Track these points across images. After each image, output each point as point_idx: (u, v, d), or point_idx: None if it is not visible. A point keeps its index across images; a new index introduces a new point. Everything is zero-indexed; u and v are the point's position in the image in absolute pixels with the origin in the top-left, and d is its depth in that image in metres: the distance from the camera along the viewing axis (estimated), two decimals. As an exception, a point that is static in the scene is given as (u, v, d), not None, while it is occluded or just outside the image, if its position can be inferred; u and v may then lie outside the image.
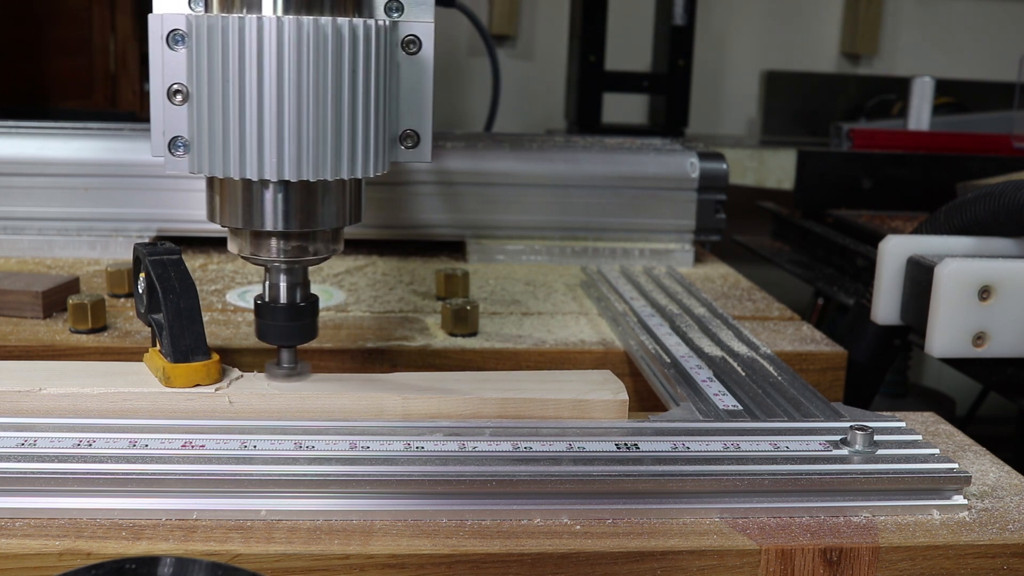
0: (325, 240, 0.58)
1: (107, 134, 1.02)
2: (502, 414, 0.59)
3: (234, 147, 0.53)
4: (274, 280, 0.59)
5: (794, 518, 0.51)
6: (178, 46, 0.53)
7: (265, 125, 0.52)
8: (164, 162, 0.55)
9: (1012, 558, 0.50)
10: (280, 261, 0.58)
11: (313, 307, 0.60)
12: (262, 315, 0.60)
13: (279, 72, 0.51)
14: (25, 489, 0.48)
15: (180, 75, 0.54)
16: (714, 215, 1.06)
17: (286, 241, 0.57)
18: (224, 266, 0.98)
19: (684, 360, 0.69)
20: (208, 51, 0.52)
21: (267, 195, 0.55)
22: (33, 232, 0.99)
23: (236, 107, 0.52)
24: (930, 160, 1.41)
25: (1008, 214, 0.76)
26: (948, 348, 0.72)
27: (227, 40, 0.51)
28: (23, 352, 0.72)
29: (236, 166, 0.53)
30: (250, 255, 0.58)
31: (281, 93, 0.52)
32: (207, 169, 0.54)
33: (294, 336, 0.60)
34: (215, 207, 0.57)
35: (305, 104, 0.52)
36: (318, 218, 0.56)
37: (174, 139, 0.55)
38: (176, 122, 0.54)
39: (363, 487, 0.50)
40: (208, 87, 0.52)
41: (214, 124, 0.53)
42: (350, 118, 0.53)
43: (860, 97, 2.45)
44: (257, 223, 0.56)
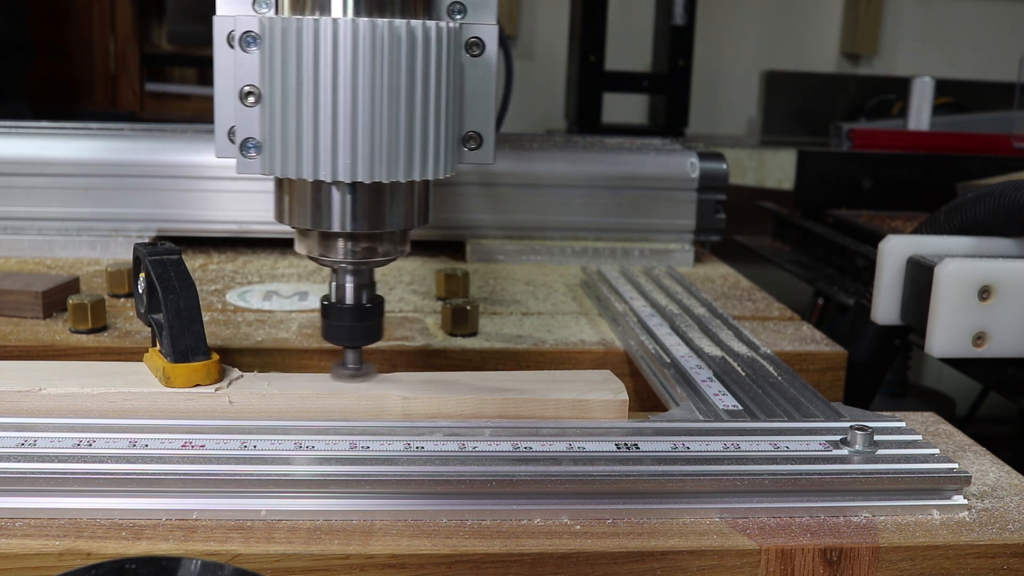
0: (393, 241, 0.58)
1: (107, 134, 1.02)
2: (502, 414, 0.59)
3: (307, 149, 0.53)
4: (341, 281, 0.59)
5: (794, 518, 0.51)
6: (251, 48, 0.53)
7: (339, 127, 0.52)
8: (236, 164, 0.55)
9: (1012, 558, 0.50)
10: (348, 262, 0.58)
11: (379, 308, 0.60)
12: (329, 316, 0.60)
13: (353, 74, 0.52)
14: (25, 489, 0.48)
15: (253, 77, 0.54)
16: (714, 215, 1.06)
17: (355, 242, 0.57)
18: (224, 266, 0.98)
19: (684, 360, 0.69)
20: (282, 53, 0.52)
21: (338, 196, 0.55)
22: (33, 232, 0.99)
23: (310, 109, 0.52)
24: (930, 160, 1.41)
25: (1008, 214, 0.76)
26: (948, 348, 0.72)
27: (302, 42, 0.52)
28: (23, 352, 0.72)
29: (309, 167, 0.53)
30: (319, 256, 0.58)
31: (355, 95, 0.52)
32: (279, 170, 0.54)
33: (360, 337, 0.60)
34: (283, 208, 0.58)
35: (378, 106, 0.52)
36: (386, 219, 0.56)
37: (246, 140, 0.55)
38: (248, 123, 0.54)
39: (363, 487, 0.50)
40: (282, 89, 0.53)
41: (287, 126, 0.53)
42: (422, 120, 0.54)
43: (860, 97, 2.46)
44: (326, 224, 0.56)
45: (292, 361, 0.74)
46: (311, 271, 0.98)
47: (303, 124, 0.52)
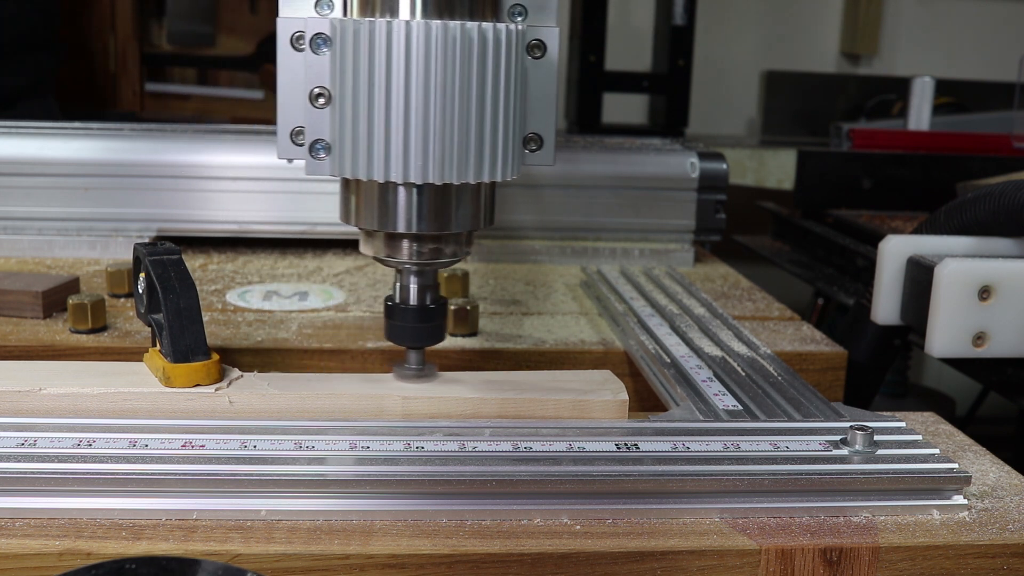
0: (458, 243, 0.59)
1: (107, 134, 1.02)
2: (502, 414, 0.59)
3: (379, 150, 0.53)
4: (405, 282, 0.59)
5: (794, 518, 0.51)
6: (322, 50, 0.53)
7: (410, 128, 0.52)
8: (304, 165, 0.55)
9: (1012, 558, 0.50)
10: (413, 263, 0.58)
11: (442, 309, 0.60)
12: (392, 316, 0.60)
13: (425, 75, 0.52)
14: (25, 489, 0.48)
15: (323, 79, 0.54)
16: (714, 215, 1.06)
17: (420, 243, 0.57)
18: (224, 266, 0.98)
19: (684, 360, 0.69)
20: (354, 55, 0.52)
21: (406, 198, 0.55)
22: (33, 232, 0.99)
23: (382, 110, 0.52)
24: (930, 160, 1.41)
25: (1008, 214, 0.76)
26: (948, 348, 0.72)
27: (374, 44, 0.52)
28: (23, 352, 0.72)
29: (380, 169, 0.53)
30: (385, 257, 0.58)
31: (427, 96, 0.52)
32: (349, 171, 0.54)
33: (423, 337, 0.60)
34: (350, 209, 0.58)
35: (448, 107, 0.52)
36: (452, 221, 0.57)
37: (315, 142, 0.55)
38: (318, 125, 0.54)
39: (363, 487, 0.50)
40: (353, 90, 0.53)
41: (358, 127, 0.53)
42: (491, 121, 0.54)
43: (860, 97, 2.46)
44: (393, 225, 0.56)
45: (292, 361, 0.74)
46: (311, 271, 0.98)
47: (374, 126, 0.53)
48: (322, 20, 0.53)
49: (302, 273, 0.97)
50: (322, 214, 1.02)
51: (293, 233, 1.03)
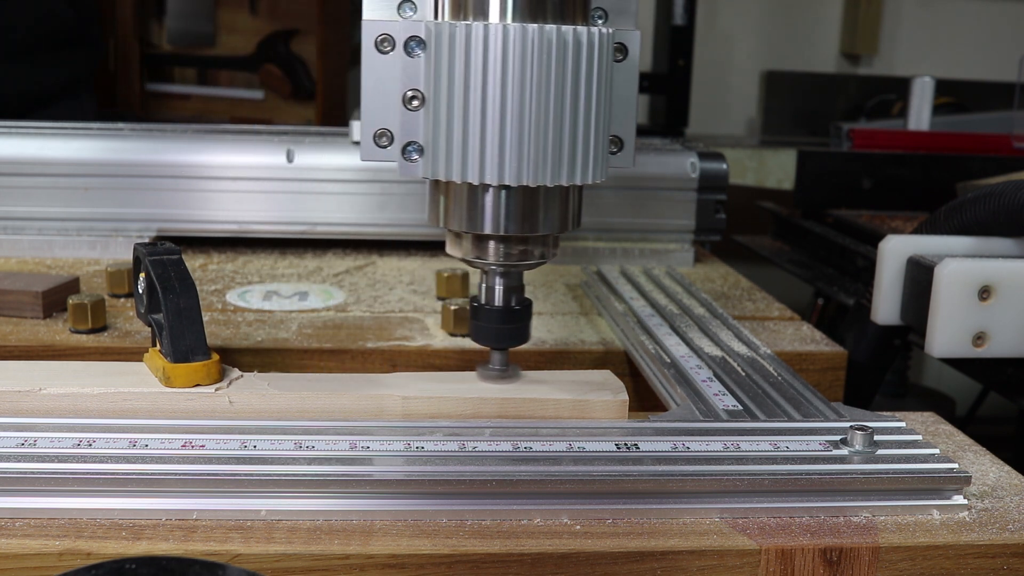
0: (545, 244, 0.59)
1: (107, 134, 1.02)
2: (502, 414, 0.59)
3: (473, 152, 0.53)
4: (491, 283, 0.60)
5: (794, 518, 0.51)
6: (416, 52, 0.54)
7: (506, 131, 0.52)
8: (397, 167, 0.55)
9: (1012, 558, 0.50)
10: (501, 265, 0.58)
11: (527, 311, 0.60)
12: (478, 317, 0.60)
13: (521, 78, 0.52)
14: (25, 489, 0.49)
15: (417, 81, 0.54)
16: (714, 215, 1.06)
17: (508, 245, 0.57)
18: (224, 266, 0.98)
19: (684, 360, 0.69)
20: (449, 58, 0.52)
21: (496, 200, 0.56)
22: (33, 232, 0.99)
23: (477, 113, 0.52)
24: (930, 160, 1.41)
25: (1008, 214, 0.76)
26: (948, 348, 0.72)
27: (470, 47, 0.52)
28: (23, 352, 0.72)
29: (475, 171, 0.53)
30: (472, 258, 0.59)
31: (522, 99, 0.52)
32: (443, 173, 0.54)
33: (507, 339, 0.61)
34: (439, 211, 0.58)
35: (543, 110, 0.53)
36: (540, 223, 0.57)
37: (408, 144, 0.55)
38: (411, 127, 0.55)
39: (363, 487, 0.50)
40: (447, 93, 0.53)
41: (452, 130, 0.53)
42: (584, 124, 0.54)
43: (860, 97, 2.45)
44: (481, 227, 0.56)
45: (292, 361, 0.74)
46: (311, 271, 0.98)
47: (469, 128, 0.53)
48: (416, 23, 0.53)
49: (302, 273, 0.97)
50: (322, 214, 1.02)
51: (293, 233, 1.03)
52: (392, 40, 0.55)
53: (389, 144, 0.56)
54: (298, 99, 2.15)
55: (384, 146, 0.56)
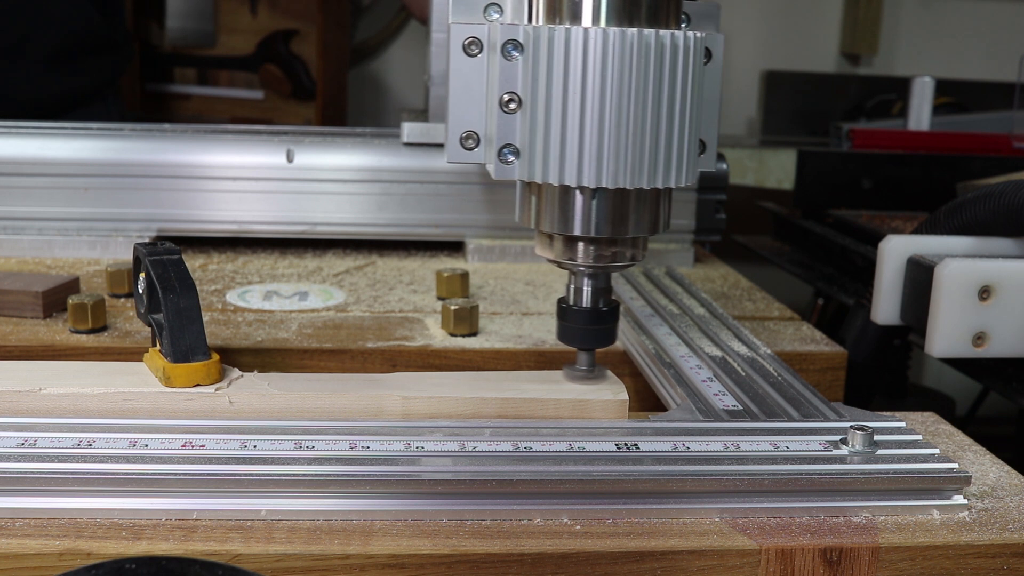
0: (635, 247, 0.59)
1: (107, 134, 1.02)
2: (502, 414, 0.59)
3: (571, 155, 0.53)
4: (579, 284, 0.60)
5: (794, 518, 0.51)
6: (513, 55, 0.54)
7: (605, 134, 0.53)
8: (493, 170, 0.55)
9: (1012, 558, 0.50)
10: (590, 266, 0.58)
11: (614, 312, 0.61)
12: (565, 317, 0.60)
13: (619, 82, 0.52)
14: (25, 489, 0.49)
15: (514, 84, 0.54)
16: (714, 215, 1.06)
17: (598, 247, 0.57)
18: (224, 266, 0.98)
19: (684, 360, 0.69)
20: (548, 61, 0.53)
21: (589, 201, 0.56)
22: (33, 232, 0.99)
23: (576, 116, 0.53)
24: (930, 160, 1.41)
25: (1008, 214, 0.76)
26: (948, 348, 0.72)
27: (570, 51, 0.52)
28: (23, 352, 0.72)
29: (573, 174, 0.53)
30: (562, 260, 0.59)
31: (620, 102, 0.52)
32: (539, 176, 0.54)
33: (593, 340, 0.61)
34: (530, 212, 0.58)
35: (639, 113, 0.53)
36: (630, 225, 0.57)
37: (504, 147, 0.55)
38: (508, 130, 0.55)
39: (363, 487, 0.50)
40: (546, 96, 0.53)
41: (550, 132, 0.53)
42: (679, 127, 0.54)
43: (860, 97, 2.45)
44: (573, 228, 0.56)
45: (292, 361, 0.74)
46: (311, 271, 0.98)
47: (567, 131, 0.53)
48: (514, 27, 0.53)
49: (302, 273, 0.97)
50: (322, 214, 1.02)
51: (293, 233, 1.03)
52: (480, 43, 0.55)
53: (476, 146, 0.56)
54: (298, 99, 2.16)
55: (471, 148, 0.56)
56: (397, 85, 2.50)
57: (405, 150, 1.04)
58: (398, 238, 1.05)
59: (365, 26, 2.48)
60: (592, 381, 0.62)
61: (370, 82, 2.50)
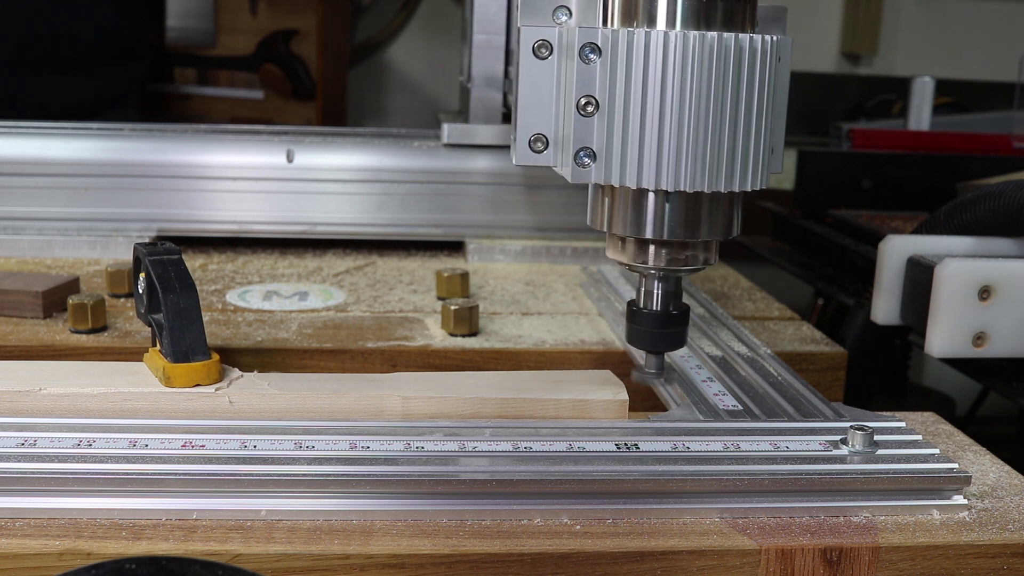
0: (707, 250, 0.58)
1: (107, 134, 1.02)
2: (502, 414, 0.59)
3: (649, 159, 0.53)
4: (649, 287, 0.59)
5: (794, 518, 0.51)
6: (591, 59, 0.53)
7: (684, 138, 0.52)
8: (569, 173, 0.55)
9: (1012, 558, 0.50)
10: (662, 269, 0.58)
11: (684, 316, 0.60)
12: (635, 320, 0.60)
13: (698, 85, 0.52)
14: (25, 489, 0.49)
15: (592, 87, 0.54)
16: (714, 215, 1.06)
17: (670, 249, 0.57)
18: (224, 266, 0.98)
19: (684, 360, 0.69)
20: (627, 64, 0.52)
21: (662, 205, 0.55)
22: (33, 232, 0.99)
23: (655, 120, 0.52)
24: (930, 160, 1.41)
25: (1008, 214, 0.76)
26: (948, 348, 0.72)
27: (649, 55, 0.52)
28: (23, 352, 0.72)
29: (651, 177, 0.53)
30: (633, 263, 0.58)
31: (699, 106, 0.52)
32: (617, 179, 0.54)
33: (662, 342, 0.60)
34: (601, 215, 0.58)
35: (717, 117, 0.52)
36: (701, 228, 0.56)
37: (580, 150, 0.55)
38: (585, 133, 0.54)
39: (363, 487, 0.50)
40: (623, 100, 0.53)
41: (629, 136, 0.53)
42: (756, 131, 0.54)
43: (860, 97, 2.45)
44: (646, 231, 0.56)
45: (292, 361, 0.74)
46: (311, 271, 0.98)
47: (646, 135, 0.53)
48: (592, 30, 0.53)
49: (302, 273, 0.97)
50: (322, 214, 1.02)
51: (293, 233, 1.03)
52: (550, 46, 0.55)
53: (544, 148, 0.56)
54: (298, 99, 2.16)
55: (539, 150, 0.56)
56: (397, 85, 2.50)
57: (405, 150, 1.04)
58: (398, 238, 1.05)
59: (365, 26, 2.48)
60: (592, 381, 0.62)
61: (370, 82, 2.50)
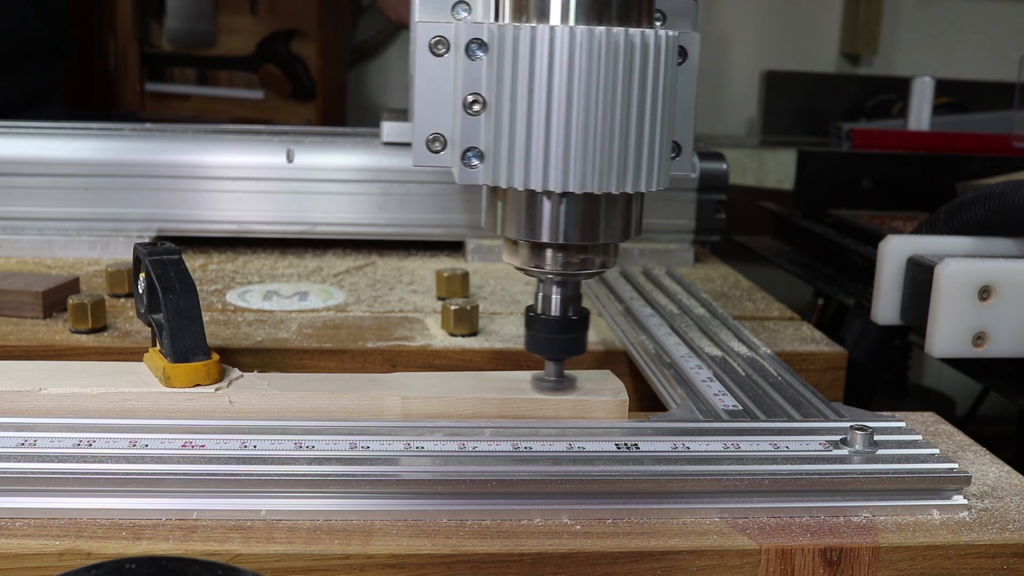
0: (606, 253, 0.57)
1: (107, 134, 1.02)
2: (502, 414, 0.59)
3: (537, 159, 0.51)
4: (547, 292, 0.58)
5: (794, 518, 0.51)
6: (477, 55, 0.52)
7: (572, 137, 0.51)
8: (456, 174, 0.54)
9: (1012, 558, 0.50)
10: (558, 273, 0.57)
11: (584, 321, 0.59)
12: (533, 327, 0.59)
13: (587, 82, 0.50)
14: (25, 489, 0.49)
15: (478, 85, 0.52)
16: (714, 215, 1.06)
17: (567, 253, 0.56)
18: (224, 266, 0.98)
19: (684, 360, 0.69)
20: (513, 61, 0.51)
21: (556, 207, 0.54)
22: (33, 232, 0.99)
23: (542, 118, 0.51)
24: (930, 160, 1.41)
25: (1008, 214, 0.76)
26: (948, 348, 0.72)
27: (535, 50, 0.50)
28: (23, 352, 0.72)
29: (538, 178, 0.52)
30: (529, 267, 0.57)
31: (588, 104, 0.51)
32: (504, 180, 0.53)
33: (561, 349, 0.59)
34: (496, 218, 0.56)
35: (608, 115, 0.51)
36: (600, 231, 0.55)
37: (468, 150, 0.53)
38: (472, 133, 0.53)
39: (363, 487, 0.50)
40: (511, 98, 0.51)
41: (515, 135, 0.52)
42: (649, 130, 0.53)
43: (860, 97, 2.46)
44: (539, 235, 0.55)
45: (292, 361, 0.74)
46: (311, 271, 0.98)
47: (533, 134, 0.51)
48: (478, 25, 0.52)
49: (302, 273, 0.97)
50: (322, 214, 1.02)
51: (293, 233, 1.03)
52: (447, 42, 0.53)
53: (442, 148, 0.54)
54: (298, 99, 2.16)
55: (437, 151, 0.54)
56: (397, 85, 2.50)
57: (405, 150, 1.04)
58: (398, 238, 1.05)
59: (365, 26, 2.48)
60: (592, 381, 0.62)
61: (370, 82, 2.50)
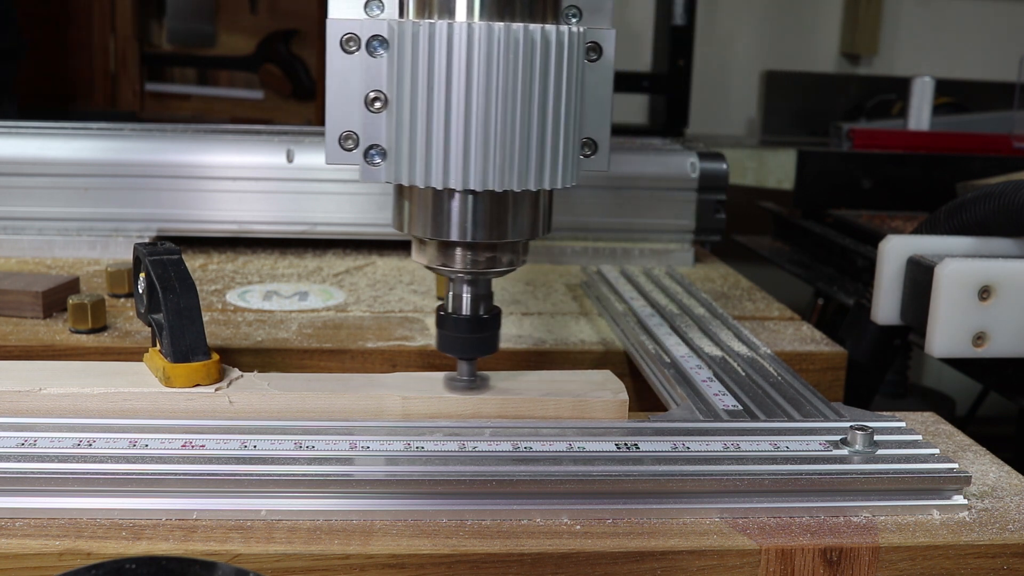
0: (514, 252, 0.57)
1: (107, 134, 1.02)
2: (502, 414, 0.59)
3: (437, 156, 0.51)
4: (458, 291, 0.58)
5: (794, 518, 0.51)
6: (378, 52, 0.52)
7: (471, 134, 0.51)
8: (359, 172, 0.53)
9: (1012, 558, 0.50)
10: (468, 272, 0.56)
11: (495, 320, 0.59)
12: (444, 326, 0.58)
13: (487, 79, 0.50)
14: (25, 489, 0.48)
15: (379, 82, 0.52)
16: (714, 215, 1.06)
17: (475, 252, 0.56)
18: (224, 266, 0.98)
19: (684, 360, 0.69)
20: (412, 58, 0.51)
21: (462, 205, 0.54)
22: (33, 232, 0.99)
23: (441, 115, 0.51)
24: (930, 160, 1.41)
25: (1008, 214, 0.76)
26: (948, 348, 0.72)
27: (434, 47, 0.50)
28: (23, 352, 0.72)
29: (439, 175, 0.52)
30: (438, 266, 0.57)
31: (488, 101, 0.50)
32: (406, 178, 0.52)
33: (474, 349, 0.59)
34: (403, 217, 0.56)
35: (509, 112, 0.51)
36: (508, 229, 0.55)
37: (370, 147, 0.53)
38: (373, 130, 0.53)
39: (363, 487, 0.50)
40: (411, 94, 0.51)
41: (416, 132, 0.52)
42: (553, 127, 0.52)
43: (860, 97, 2.45)
44: (447, 233, 0.54)
45: (292, 361, 0.74)
46: (311, 271, 0.98)
47: (433, 131, 0.51)
48: (379, 22, 0.52)
49: (302, 273, 0.97)
50: (322, 214, 1.02)
51: (293, 233, 1.03)
52: (358, 39, 0.53)
53: (355, 147, 0.54)
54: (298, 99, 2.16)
55: (349, 149, 0.54)
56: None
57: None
58: (398, 238, 1.05)
59: (365, 26, 2.47)
60: (592, 381, 0.62)
61: (370, 82, 2.49)
